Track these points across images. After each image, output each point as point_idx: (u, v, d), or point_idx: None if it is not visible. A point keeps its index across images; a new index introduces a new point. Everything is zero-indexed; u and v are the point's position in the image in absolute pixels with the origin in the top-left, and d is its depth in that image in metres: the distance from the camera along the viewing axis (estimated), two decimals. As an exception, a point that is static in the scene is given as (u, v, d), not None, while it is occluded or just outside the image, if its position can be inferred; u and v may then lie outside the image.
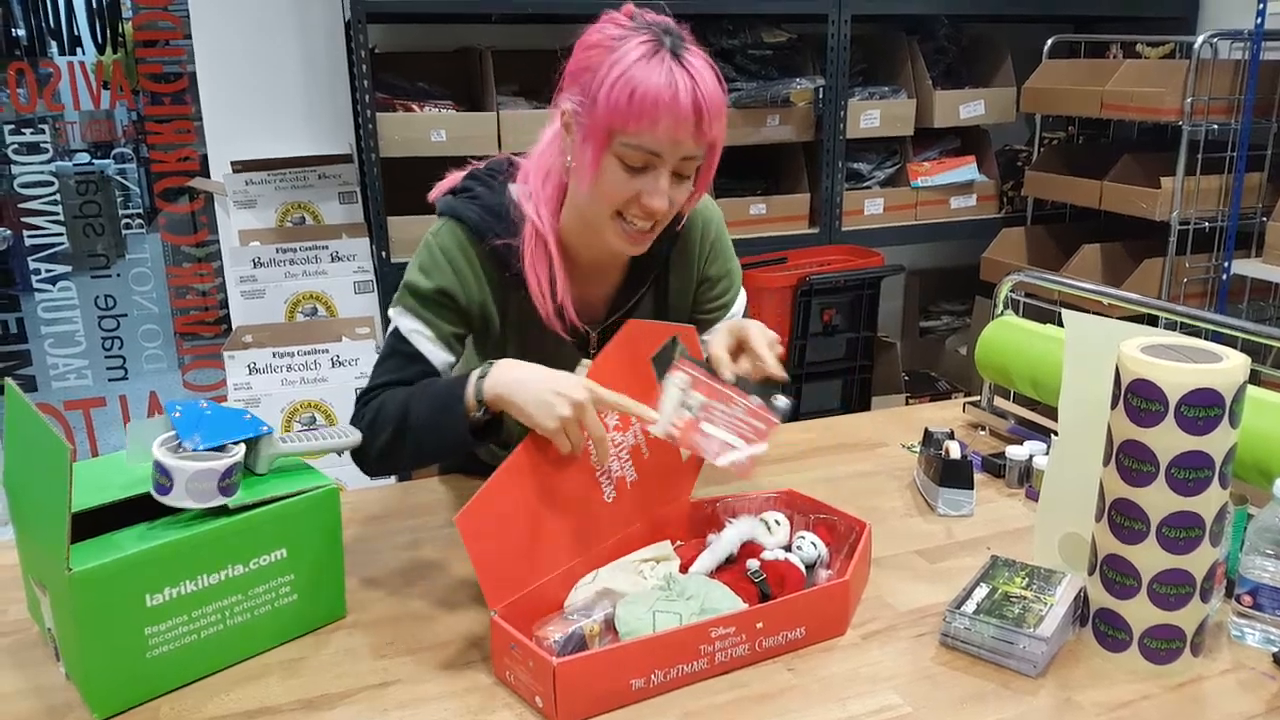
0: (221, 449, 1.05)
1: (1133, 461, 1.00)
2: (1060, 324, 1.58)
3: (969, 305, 3.36)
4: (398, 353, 1.24)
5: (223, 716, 0.98)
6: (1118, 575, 1.03)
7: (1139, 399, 0.98)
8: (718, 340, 1.20)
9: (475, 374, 1.14)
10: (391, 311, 1.26)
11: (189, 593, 1.00)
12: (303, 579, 1.10)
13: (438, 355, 1.24)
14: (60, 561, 0.92)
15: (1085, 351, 1.14)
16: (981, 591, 1.10)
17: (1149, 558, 1.01)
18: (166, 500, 1.00)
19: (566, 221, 1.25)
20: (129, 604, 0.96)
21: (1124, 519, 1.02)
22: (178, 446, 1.03)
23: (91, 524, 1.00)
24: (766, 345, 1.18)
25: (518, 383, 1.10)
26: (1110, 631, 1.05)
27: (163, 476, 1.00)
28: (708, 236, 1.37)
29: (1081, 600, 1.09)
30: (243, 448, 1.07)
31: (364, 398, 1.24)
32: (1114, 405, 1.02)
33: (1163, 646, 1.03)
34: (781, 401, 1.15)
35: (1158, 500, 0.99)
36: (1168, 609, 1.01)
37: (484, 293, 1.26)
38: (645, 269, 1.32)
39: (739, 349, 1.20)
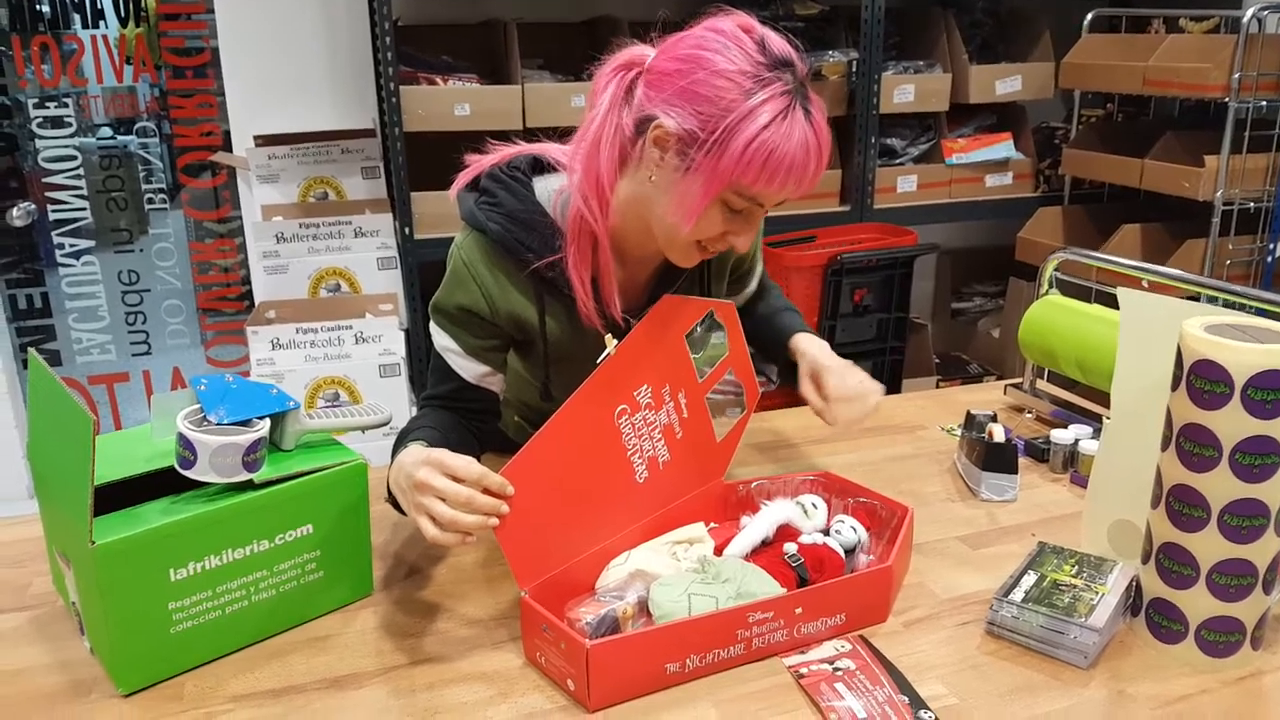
0: (247, 423, 1.02)
1: (1194, 446, 0.95)
2: (1103, 303, 1.54)
3: (1003, 287, 3.30)
4: (437, 368, 1.24)
5: (247, 694, 0.96)
6: (1175, 564, 0.99)
7: (1202, 380, 0.94)
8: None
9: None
10: (430, 325, 1.24)
11: (213, 568, 0.98)
12: (329, 555, 1.07)
13: (469, 368, 1.21)
14: (83, 534, 0.90)
15: (1141, 331, 1.09)
16: (1029, 579, 1.06)
17: (1209, 546, 0.96)
18: (190, 474, 0.98)
19: (621, 222, 1.16)
20: (152, 578, 0.94)
21: (1183, 506, 0.97)
22: (202, 420, 1.01)
23: (116, 497, 0.98)
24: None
25: (394, 470, 1.04)
26: (1165, 623, 1.01)
27: (186, 450, 0.97)
28: None
29: (1134, 590, 1.05)
30: (268, 423, 1.04)
31: (421, 405, 1.26)
32: (1175, 387, 0.98)
33: (1221, 639, 0.99)
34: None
35: (1220, 486, 0.94)
36: (1227, 600, 0.97)
37: (515, 302, 1.19)
38: None
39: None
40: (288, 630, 1.06)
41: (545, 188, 1.19)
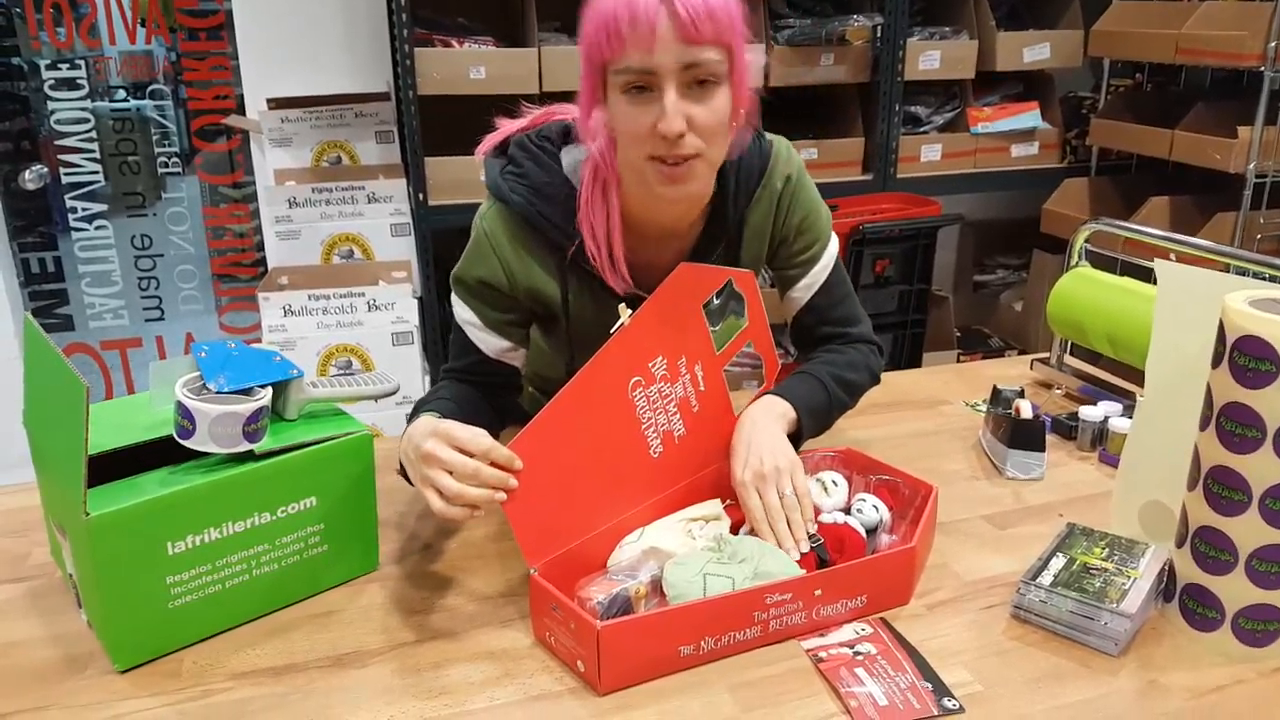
0: (248, 392, 0.99)
1: (1236, 426, 0.91)
2: (1131, 276, 1.48)
3: (1026, 259, 3.23)
4: (456, 340, 1.21)
5: (248, 672, 0.93)
6: (1211, 549, 0.95)
7: (1246, 357, 0.89)
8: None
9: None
10: (451, 296, 1.21)
11: (212, 541, 0.95)
12: (333, 529, 1.04)
13: (489, 342, 1.18)
14: (78, 505, 0.87)
15: (1179, 304, 1.04)
16: (1058, 562, 1.02)
17: (1249, 531, 0.92)
18: (189, 444, 0.95)
19: (626, 184, 1.12)
20: (149, 551, 0.91)
21: (1222, 488, 0.93)
22: (202, 388, 0.98)
23: (113, 467, 0.95)
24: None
25: (404, 441, 1.02)
26: (1200, 609, 0.97)
27: (185, 419, 0.94)
28: (787, 191, 1.22)
29: (1166, 574, 1.01)
30: (270, 391, 1.01)
31: (440, 376, 1.24)
32: (1216, 364, 0.93)
33: (1259, 628, 0.94)
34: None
35: (1262, 468, 0.90)
36: (1267, 587, 0.93)
37: (537, 278, 1.15)
38: (720, 231, 1.21)
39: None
40: (290, 606, 1.03)
41: (573, 159, 1.14)
